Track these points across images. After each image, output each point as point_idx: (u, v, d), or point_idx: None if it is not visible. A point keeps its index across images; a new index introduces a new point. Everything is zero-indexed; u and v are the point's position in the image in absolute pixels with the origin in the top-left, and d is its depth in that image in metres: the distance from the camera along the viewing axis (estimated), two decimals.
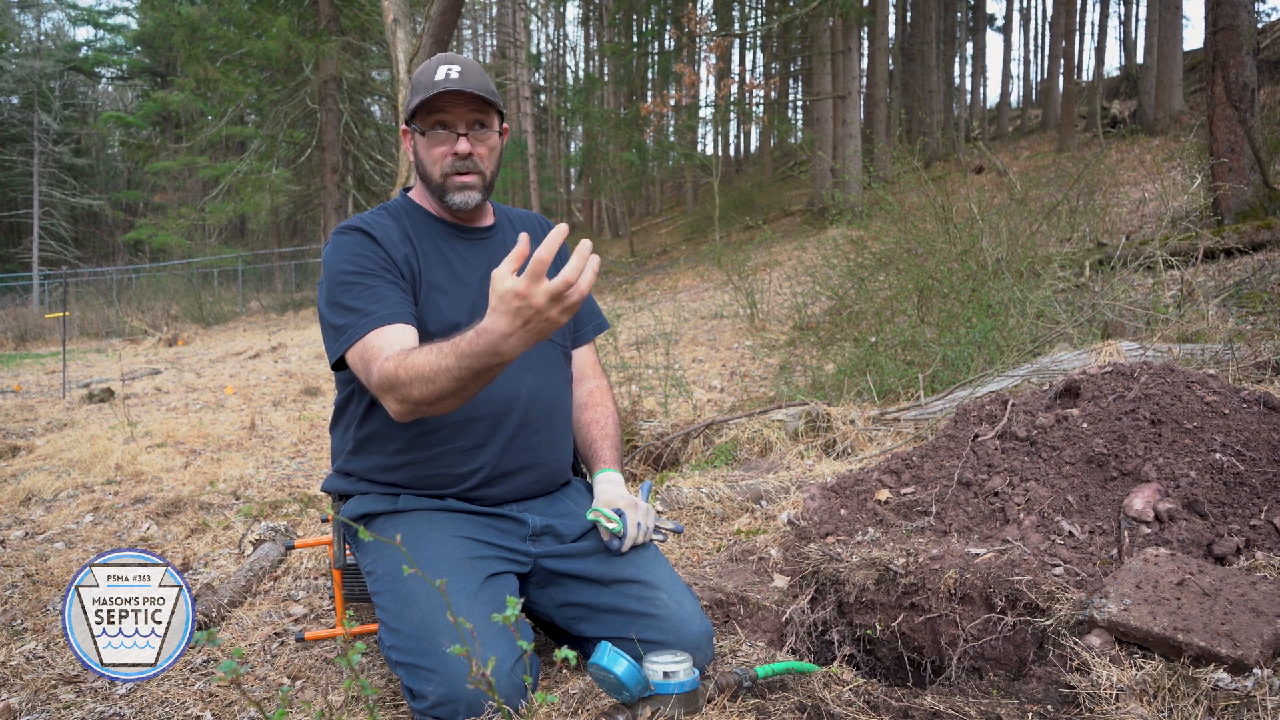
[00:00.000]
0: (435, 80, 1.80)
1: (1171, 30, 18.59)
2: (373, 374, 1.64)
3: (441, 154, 1.84)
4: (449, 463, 1.82)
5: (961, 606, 1.91)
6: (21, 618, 2.43)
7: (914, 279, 5.87)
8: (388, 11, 8.22)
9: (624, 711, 1.46)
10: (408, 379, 1.56)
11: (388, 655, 1.67)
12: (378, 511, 1.84)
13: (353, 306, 1.72)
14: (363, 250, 1.79)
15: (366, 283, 1.75)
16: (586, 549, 1.83)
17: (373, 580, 1.78)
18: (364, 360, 1.68)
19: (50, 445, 5.17)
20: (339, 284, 1.76)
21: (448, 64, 1.82)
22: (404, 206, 1.94)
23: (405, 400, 1.59)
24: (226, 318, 20.84)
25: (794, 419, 3.92)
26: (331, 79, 19.91)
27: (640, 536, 1.80)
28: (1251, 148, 7.21)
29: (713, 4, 24.49)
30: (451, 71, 1.81)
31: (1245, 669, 1.44)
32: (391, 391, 1.60)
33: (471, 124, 1.84)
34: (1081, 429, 2.25)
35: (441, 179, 1.85)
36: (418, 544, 1.74)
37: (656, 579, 1.79)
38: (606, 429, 2.00)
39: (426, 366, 1.54)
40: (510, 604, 1.21)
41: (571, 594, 1.82)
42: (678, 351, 8.48)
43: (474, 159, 1.85)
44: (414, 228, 1.89)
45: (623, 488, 1.88)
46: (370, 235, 1.81)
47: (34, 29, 40.78)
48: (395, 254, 1.81)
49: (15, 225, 35.68)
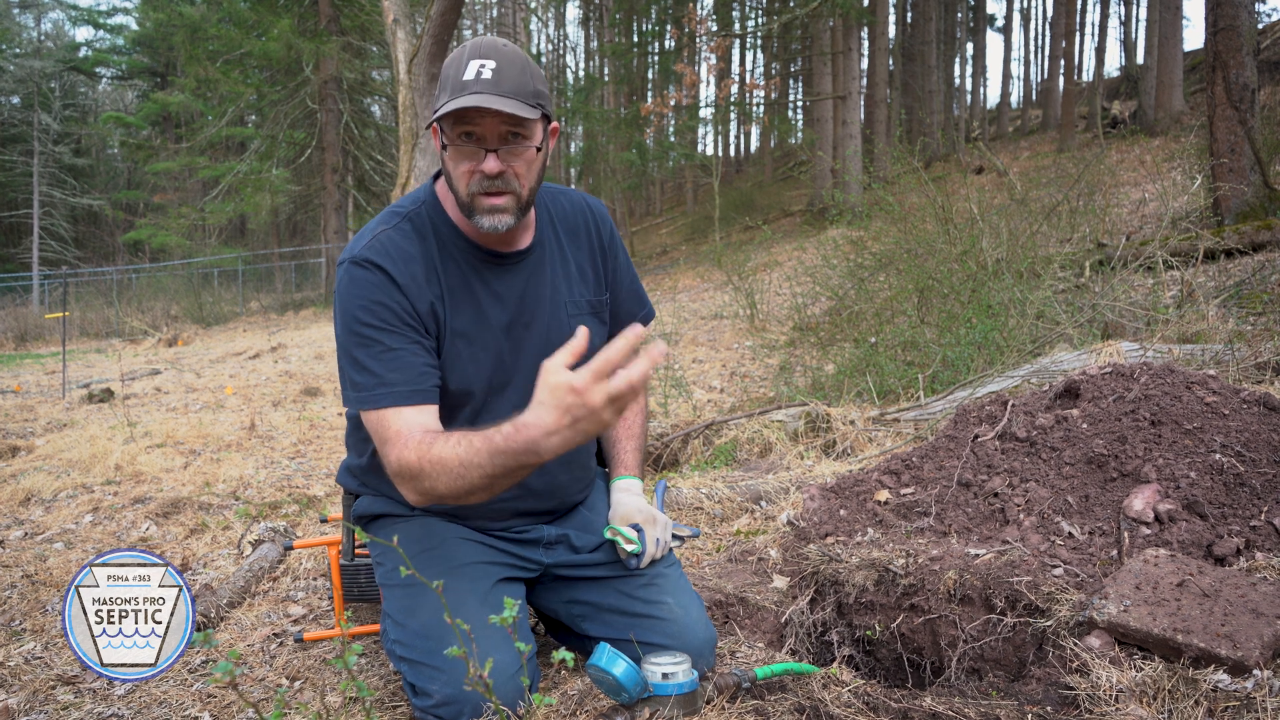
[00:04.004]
0: (464, 80, 1.51)
1: (1172, 30, 18.60)
2: (390, 458, 1.51)
3: (468, 171, 1.56)
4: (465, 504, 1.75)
5: (961, 607, 1.91)
6: (20, 618, 2.43)
7: (914, 279, 5.87)
8: (388, 11, 8.22)
9: (622, 713, 1.46)
10: (432, 472, 1.43)
11: (391, 650, 1.66)
12: (390, 511, 1.83)
13: (371, 369, 1.56)
14: (382, 298, 1.57)
15: (386, 342, 1.57)
16: (599, 559, 1.80)
17: (383, 572, 1.76)
18: (380, 436, 1.55)
19: (50, 445, 5.16)
20: (355, 336, 1.58)
21: (480, 58, 1.52)
22: (431, 219, 1.69)
23: (428, 493, 1.47)
24: (226, 318, 20.83)
25: (794, 419, 3.91)
26: (331, 79, 19.92)
27: (659, 552, 1.77)
28: (1252, 148, 7.20)
29: (713, 4, 24.51)
30: (484, 69, 1.51)
31: (1245, 670, 1.44)
32: (411, 481, 1.47)
33: (504, 136, 1.54)
34: (1081, 430, 2.24)
35: (469, 198, 1.58)
36: (431, 543, 1.73)
37: (665, 583, 1.78)
38: (633, 428, 1.91)
39: (455, 461, 1.40)
40: (508, 604, 1.21)
41: (579, 593, 1.81)
42: (678, 352, 8.48)
43: (506, 177, 1.56)
44: (441, 254, 1.66)
45: (641, 498, 1.83)
46: (391, 279, 1.58)
47: (34, 29, 40.82)
48: (419, 302, 1.60)
49: (15, 225, 35.68)
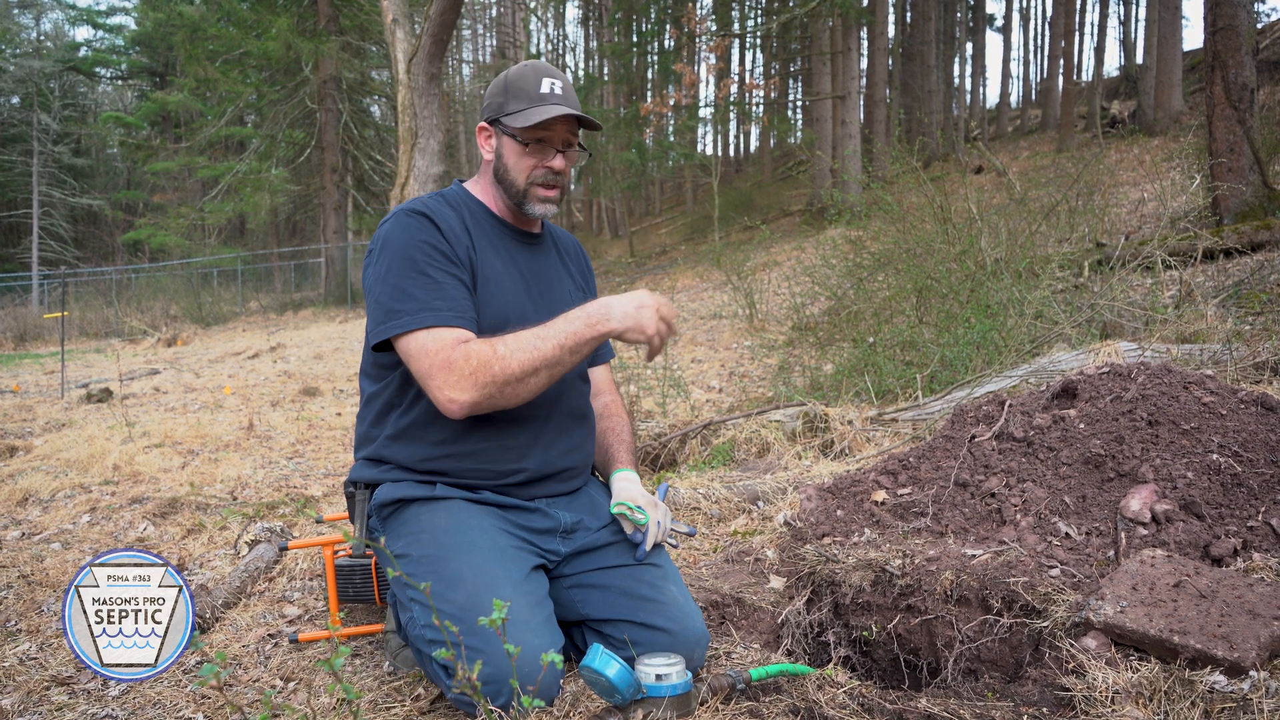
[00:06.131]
0: (541, 94, 1.84)
1: (1171, 30, 18.59)
2: (454, 357, 1.68)
3: (533, 165, 1.87)
4: (492, 459, 1.84)
5: (958, 608, 1.90)
6: (16, 619, 2.43)
7: (913, 279, 5.86)
8: (387, 11, 8.21)
9: (616, 714, 1.46)
10: (505, 352, 1.67)
11: (420, 635, 1.67)
12: (413, 497, 1.83)
13: (418, 296, 1.74)
14: (429, 238, 1.79)
15: (434, 276, 1.76)
16: (609, 537, 1.89)
17: (407, 564, 1.76)
18: (430, 350, 1.70)
19: (48, 445, 5.16)
20: (405, 270, 1.76)
21: (550, 76, 1.86)
22: (463, 198, 1.95)
23: (495, 378, 1.66)
24: (225, 318, 20.82)
25: (792, 419, 3.91)
26: (331, 79, 19.92)
27: (660, 535, 1.86)
28: (1251, 148, 7.20)
29: (712, 4, 24.48)
30: (556, 87, 1.85)
31: (1241, 671, 1.44)
32: (479, 371, 1.66)
33: (568, 141, 1.89)
34: (1078, 430, 2.24)
35: (527, 187, 1.88)
36: (460, 530, 1.75)
37: (667, 568, 1.87)
38: (622, 435, 2.08)
39: (530, 335, 1.69)
40: (497, 606, 1.20)
41: (587, 573, 1.84)
42: (676, 352, 8.47)
43: (561, 175, 1.90)
44: (471, 221, 1.90)
45: (640, 486, 1.95)
46: (435, 223, 1.81)
47: (33, 29, 40.80)
48: (458, 246, 1.82)
49: (15, 225, 35.67)
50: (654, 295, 1.72)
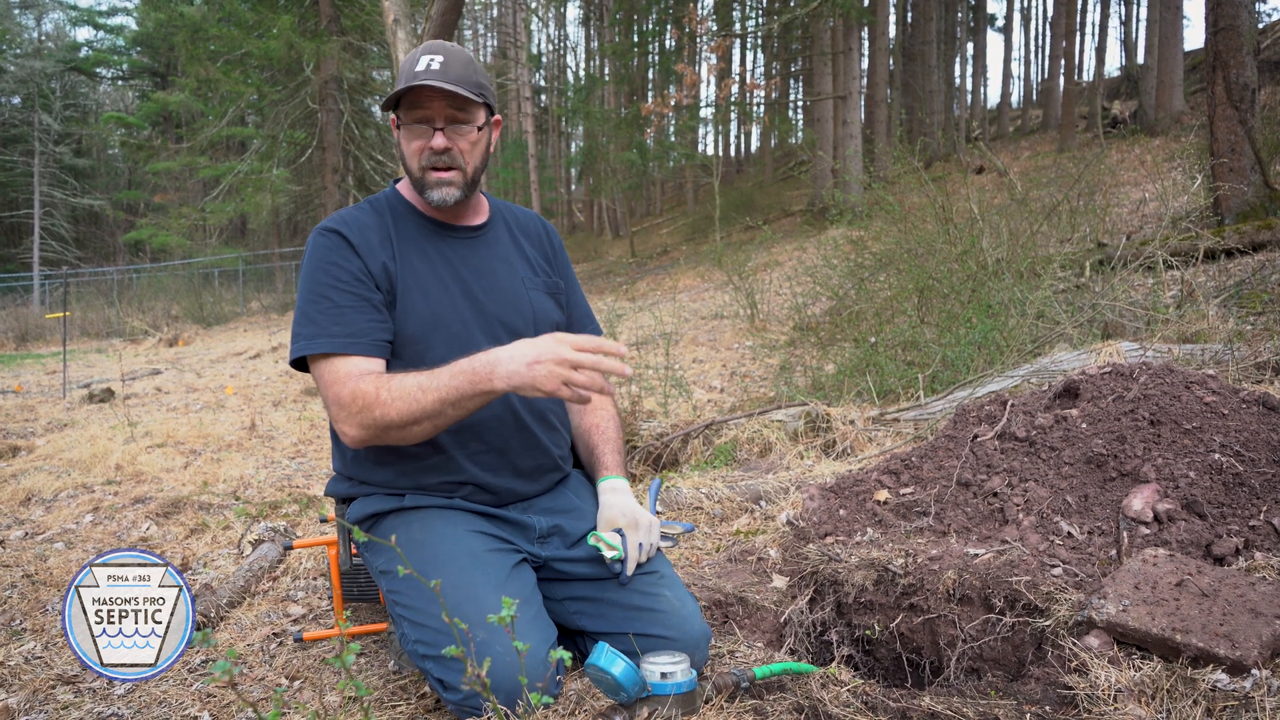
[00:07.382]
0: (415, 71, 1.75)
1: (1172, 30, 18.58)
2: (342, 393, 1.67)
3: (419, 148, 1.79)
4: (451, 469, 1.81)
5: (960, 607, 1.91)
6: (20, 618, 2.44)
7: (914, 279, 5.86)
8: (388, 12, 8.21)
9: (621, 712, 1.46)
10: (387, 398, 1.62)
11: (413, 650, 1.67)
12: (385, 510, 1.81)
13: (317, 320, 1.73)
14: (337, 258, 1.76)
15: (335, 299, 1.74)
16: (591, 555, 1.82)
17: (390, 580, 1.75)
18: (327, 381, 1.71)
19: (50, 445, 5.17)
20: (309, 292, 1.76)
21: (431, 53, 1.78)
22: (390, 201, 1.90)
23: (376, 422, 1.63)
24: (227, 318, 20.83)
25: (794, 419, 3.92)
26: (332, 79, 19.91)
27: (643, 556, 1.79)
28: (1252, 148, 7.20)
29: (713, 4, 24.48)
30: (433, 62, 1.75)
31: (1244, 670, 1.44)
32: (361, 412, 1.64)
33: (450, 118, 1.78)
34: (1081, 429, 2.24)
35: (420, 173, 1.81)
36: (434, 540, 1.73)
37: (660, 580, 1.80)
38: (607, 433, 1.98)
39: (414, 385, 1.61)
40: (506, 605, 1.21)
41: (576, 589, 1.82)
42: (678, 352, 8.48)
43: (452, 154, 1.79)
44: (396, 226, 1.85)
45: (628, 496, 1.86)
46: (346, 240, 1.78)
47: (34, 29, 40.81)
48: (372, 263, 1.78)
49: (16, 225, 35.69)
50: (561, 345, 1.52)
